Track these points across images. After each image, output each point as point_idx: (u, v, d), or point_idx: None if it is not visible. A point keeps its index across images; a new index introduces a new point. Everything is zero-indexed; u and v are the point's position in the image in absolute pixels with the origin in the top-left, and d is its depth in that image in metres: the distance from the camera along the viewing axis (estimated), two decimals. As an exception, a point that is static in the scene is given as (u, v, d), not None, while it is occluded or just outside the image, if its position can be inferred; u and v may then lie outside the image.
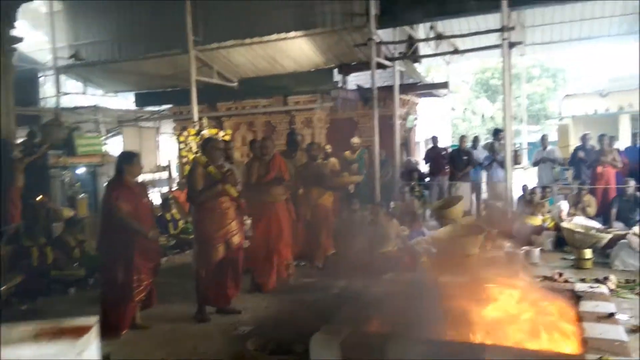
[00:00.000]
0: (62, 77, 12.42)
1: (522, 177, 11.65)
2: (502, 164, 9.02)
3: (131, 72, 12.04)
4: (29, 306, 5.75)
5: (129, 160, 4.63)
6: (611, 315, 3.34)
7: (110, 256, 4.53)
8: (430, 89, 13.26)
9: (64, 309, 5.73)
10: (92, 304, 4.99)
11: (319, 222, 6.66)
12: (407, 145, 13.07)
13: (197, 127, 9.70)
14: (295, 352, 3.78)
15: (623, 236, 6.59)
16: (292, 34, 9.67)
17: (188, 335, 4.61)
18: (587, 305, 3.55)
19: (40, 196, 8.11)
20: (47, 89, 14.01)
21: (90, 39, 11.64)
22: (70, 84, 14.26)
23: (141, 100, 13.86)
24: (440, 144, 11.88)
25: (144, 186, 4.97)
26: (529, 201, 8.64)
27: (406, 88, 12.02)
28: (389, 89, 10.59)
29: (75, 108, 13.07)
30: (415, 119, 14.19)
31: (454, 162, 10.33)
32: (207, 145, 5.07)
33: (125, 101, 15.68)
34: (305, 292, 5.71)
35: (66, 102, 13.26)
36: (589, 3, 10.45)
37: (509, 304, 3.58)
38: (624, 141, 12.98)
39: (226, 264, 4.96)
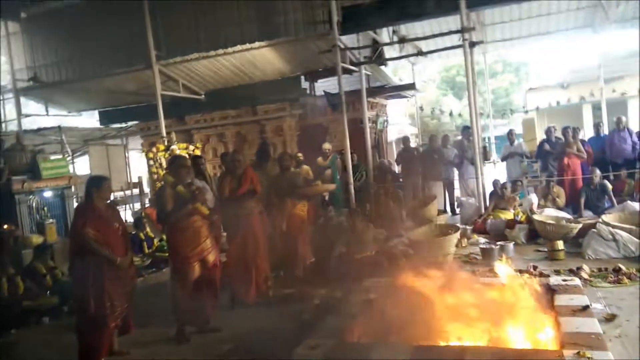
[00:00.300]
0: (23, 99, 12.12)
1: (492, 173, 11.86)
2: (472, 161, 9.17)
3: (94, 90, 11.81)
4: (2, 340, 5.56)
5: (97, 184, 4.52)
6: (586, 307, 3.40)
7: (81, 283, 4.40)
8: (397, 90, 13.40)
9: (40, 339, 5.57)
10: (68, 333, 4.86)
11: (295, 231, 6.62)
12: (378, 147, 13.17)
13: (165, 143, 9.57)
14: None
15: (593, 225, 6.73)
16: (257, 44, 9.64)
17: (168, 358, 4.52)
18: (561, 299, 3.61)
19: (6, 225, 7.87)
20: (7, 111, 13.61)
21: (50, 59, 11.38)
22: (32, 105, 13.90)
23: (106, 118, 13.60)
24: (412, 144, 12.02)
25: (115, 210, 4.86)
26: (501, 196, 8.79)
27: (374, 91, 12.12)
28: (357, 93, 10.66)
29: (39, 130, 12.74)
30: (385, 120, 14.31)
31: (425, 161, 10.45)
32: (172, 164, 5.00)
33: (91, 120, 15.36)
34: (285, 303, 5.66)
35: (28, 124, 12.91)
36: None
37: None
38: (589, 131, 13.35)
39: (203, 282, 4.89)
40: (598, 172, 8.69)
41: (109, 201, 4.77)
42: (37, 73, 11.32)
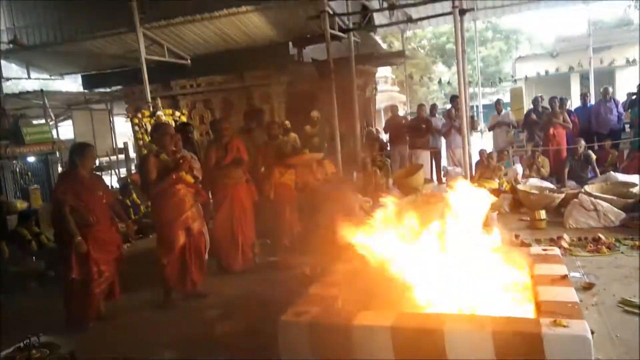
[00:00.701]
0: (4, 62, 11.80)
1: (480, 142, 11.91)
2: (459, 130, 9.19)
3: (76, 53, 11.47)
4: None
5: (80, 152, 4.48)
6: (564, 276, 3.49)
7: (66, 249, 4.41)
8: (386, 58, 13.25)
9: (27, 304, 5.61)
10: (54, 298, 4.89)
11: (283, 200, 6.64)
12: (367, 115, 13.10)
13: (151, 108, 9.42)
14: (265, 333, 3.82)
15: (576, 195, 6.85)
16: (244, 8, 9.41)
17: (155, 323, 4.59)
18: (541, 268, 3.69)
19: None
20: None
21: (30, 20, 11.02)
22: (14, 69, 13.56)
23: (89, 82, 13.30)
24: (400, 112, 11.98)
25: (100, 179, 4.82)
26: (487, 165, 8.86)
27: (363, 58, 11.96)
28: (345, 60, 10.52)
29: (20, 94, 12.48)
30: (374, 88, 14.20)
31: (413, 130, 10.46)
32: (155, 132, 4.95)
33: (74, 84, 15.06)
34: (272, 271, 5.74)
35: (10, 87, 12.63)
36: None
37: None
38: (576, 100, 13.41)
39: (189, 249, 4.92)
40: (583, 142, 8.78)
41: (94, 168, 4.74)
42: (17, 35, 10.99)
